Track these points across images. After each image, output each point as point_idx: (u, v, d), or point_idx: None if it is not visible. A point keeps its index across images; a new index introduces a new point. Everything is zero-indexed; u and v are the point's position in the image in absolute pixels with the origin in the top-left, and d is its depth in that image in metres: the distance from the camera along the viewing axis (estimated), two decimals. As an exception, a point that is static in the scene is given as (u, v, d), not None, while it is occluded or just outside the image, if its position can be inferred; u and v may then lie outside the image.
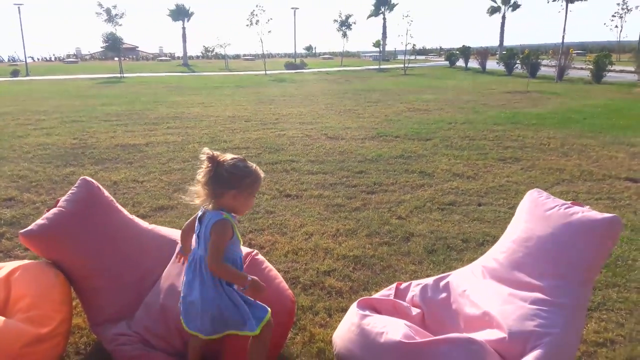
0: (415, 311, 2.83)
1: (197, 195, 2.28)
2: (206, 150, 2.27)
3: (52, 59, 68.63)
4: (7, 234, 4.48)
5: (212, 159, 2.25)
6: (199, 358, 2.52)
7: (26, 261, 2.92)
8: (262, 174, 2.39)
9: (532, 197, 2.87)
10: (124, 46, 40.60)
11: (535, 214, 2.76)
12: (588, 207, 2.63)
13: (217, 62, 52.78)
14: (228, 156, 2.29)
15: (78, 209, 2.93)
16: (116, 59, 38.36)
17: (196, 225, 2.37)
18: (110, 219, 3.07)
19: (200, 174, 2.27)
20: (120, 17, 36.46)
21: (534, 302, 2.48)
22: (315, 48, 79.97)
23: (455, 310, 2.76)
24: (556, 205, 2.69)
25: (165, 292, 2.77)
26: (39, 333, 2.47)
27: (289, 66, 40.88)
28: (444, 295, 2.86)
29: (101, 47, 38.77)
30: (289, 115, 12.49)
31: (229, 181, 2.25)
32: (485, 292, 2.69)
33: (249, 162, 2.33)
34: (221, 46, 48.94)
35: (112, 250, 2.95)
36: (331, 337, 2.82)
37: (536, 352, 2.29)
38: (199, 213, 2.37)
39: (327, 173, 6.77)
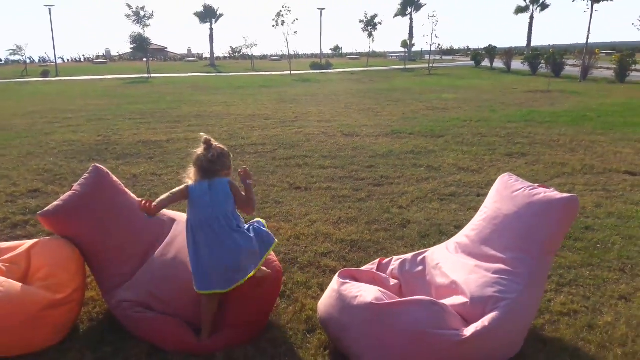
0: (393, 282, 3.14)
1: (194, 174, 2.83)
2: (203, 134, 2.76)
3: (82, 59, 70.36)
4: (31, 221, 4.94)
5: (207, 142, 2.81)
6: (213, 317, 2.90)
7: (45, 237, 3.33)
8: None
9: (503, 180, 3.18)
10: (152, 47, 41.55)
11: (503, 194, 3.06)
12: (552, 188, 2.90)
13: (244, 63, 53.54)
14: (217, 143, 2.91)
15: (89, 191, 3.33)
16: (144, 59, 39.22)
17: (201, 195, 2.80)
18: (117, 200, 3.47)
19: (197, 156, 2.79)
20: (149, 18, 37.25)
21: (497, 272, 2.78)
22: (341, 48, 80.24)
23: (428, 281, 3.06)
24: (522, 187, 2.98)
25: (167, 262, 3.16)
26: (55, 299, 2.85)
27: (314, 66, 41.30)
28: (420, 268, 3.17)
29: (130, 48, 39.68)
30: (309, 113, 12.84)
31: (223, 162, 2.86)
32: (455, 265, 2.99)
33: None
34: (248, 47, 49.70)
35: (119, 227, 3.34)
36: (318, 305, 3.14)
37: (493, 314, 2.59)
38: (190, 189, 2.83)
39: (338, 167, 7.08)
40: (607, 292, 3.45)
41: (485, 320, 2.55)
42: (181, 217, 3.65)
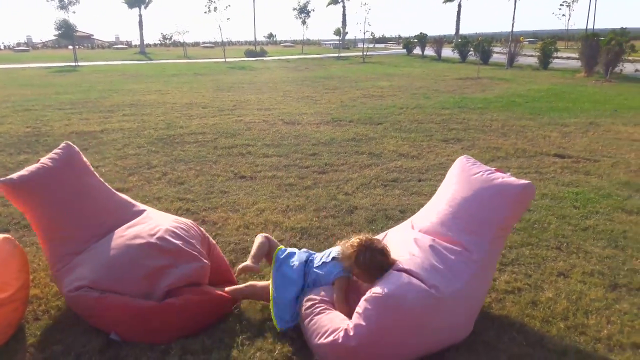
0: None
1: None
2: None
3: (1, 47, 66.29)
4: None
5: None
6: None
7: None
8: None
9: (461, 162, 3.24)
10: (78, 34, 39.63)
11: (461, 177, 3.13)
12: (509, 173, 2.99)
13: (176, 50, 52.15)
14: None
15: (57, 166, 3.26)
16: (70, 47, 37.44)
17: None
18: (84, 179, 3.40)
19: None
20: (74, 3, 35.58)
21: (451, 253, 2.83)
22: (275, 36, 79.73)
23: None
24: (480, 171, 3.05)
25: (122, 242, 3.07)
26: (-2, 298, 2.71)
27: (249, 54, 40.82)
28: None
29: (54, 35, 37.81)
30: (247, 102, 12.71)
31: None
32: (409, 245, 3.04)
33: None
34: (179, 33, 48.64)
35: (82, 206, 3.26)
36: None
37: (444, 298, 2.66)
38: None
39: (282, 156, 7.08)
40: (546, 270, 3.65)
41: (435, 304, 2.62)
42: (151, 209, 3.63)
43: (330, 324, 2.63)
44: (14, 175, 3.11)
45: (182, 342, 2.79)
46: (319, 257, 3.12)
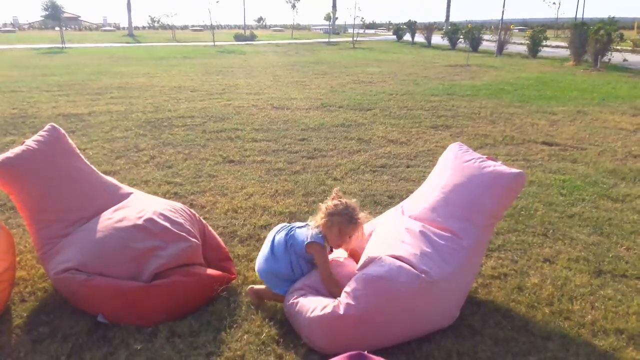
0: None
1: None
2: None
3: (-14, 27, 65.15)
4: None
5: None
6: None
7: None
8: None
9: (453, 149, 3.24)
10: (65, 15, 39.02)
11: (453, 164, 3.13)
12: (500, 162, 3.01)
13: (164, 33, 51.54)
14: None
15: (42, 148, 3.23)
16: (57, 28, 36.95)
17: None
18: (70, 161, 3.37)
19: None
20: (61, -16, 35.04)
21: (441, 238, 2.85)
22: (265, 20, 79.07)
23: (376, 242, 3.11)
24: (472, 158, 3.06)
25: (110, 225, 3.05)
26: (-16, 279, 2.69)
27: (238, 38, 40.46)
28: (371, 229, 3.23)
29: (40, 16, 37.20)
30: (236, 86, 12.62)
31: None
32: (399, 230, 3.05)
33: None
34: (168, 16, 47.99)
35: (68, 189, 3.24)
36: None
37: (433, 281, 2.68)
38: None
39: (271, 140, 7.05)
40: (532, 256, 3.69)
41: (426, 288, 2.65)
42: (138, 191, 3.63)
43: (318, 302, 2.65)
44: None
45: (170, 324, 2.79)
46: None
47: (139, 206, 3.23)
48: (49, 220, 3.12)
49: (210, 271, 3.10)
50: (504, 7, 25.04)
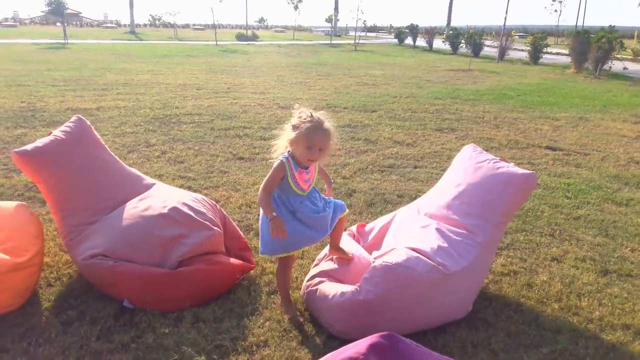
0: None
1: None
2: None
3: (-13, 22, 65.04)
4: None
5: None
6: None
7: (2, 202, 3.22)
8: None
9: (467, 150, 3.39)
10: (67, 11, 39.01)
11: (467, 164, 3.27)
12: (512, 163, 3.14)
13: (166, 31, 51.57)
14: None
15: (69, 139, 3.36)
16: (58, 24, 36.90)
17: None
18: (96, 152, 3.50)
19: None
20: (64, -20, 35.03)
21: (457, 235, 2.97)
22: (266, 20, 79.27)
23: (393, 237, 3.23)
24: (486, 160, 3.21)
25: (136, 213, 3.16)
26: (16, 262, 2.78)
27: (240, 37, 40.52)
28: (381, 233, 3.35)
29: (42, 12, 37.18)
30: (241, 85, 12.72)
31: None
32: (415, 227, 3.17)
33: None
34: (170, 14, 47.95)
35: (94, 178, 3.35)
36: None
37: (450, 276, 2.79)
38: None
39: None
40: (540, 255, 3.81)
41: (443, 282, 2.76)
42: (160, 182, 3.72)
43: (337, 288, 2.78)
44: (28, 147, 3.19)
45: (194, 310, 2.89)
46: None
47: (163, 196, 3.33)
48: (76, 208, 3.23)
49: (231, 260, 3.20)
50: (506, 13, 25.23)
